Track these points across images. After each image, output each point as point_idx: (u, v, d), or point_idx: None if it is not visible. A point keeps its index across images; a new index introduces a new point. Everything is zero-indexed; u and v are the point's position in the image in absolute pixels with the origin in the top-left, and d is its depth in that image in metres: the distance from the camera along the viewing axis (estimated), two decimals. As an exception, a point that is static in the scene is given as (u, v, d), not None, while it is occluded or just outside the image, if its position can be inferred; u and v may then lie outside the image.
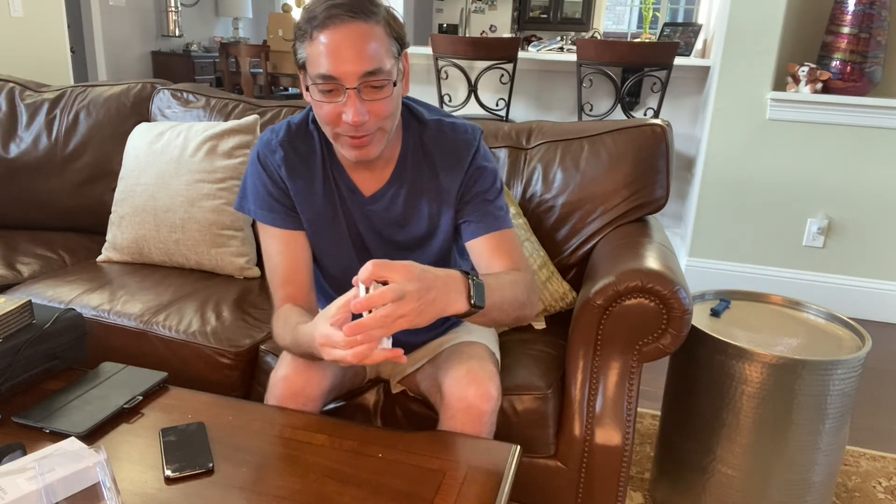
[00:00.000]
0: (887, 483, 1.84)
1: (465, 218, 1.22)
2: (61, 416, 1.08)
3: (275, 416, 1.14)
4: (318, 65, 1.05)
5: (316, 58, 1.05)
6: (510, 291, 1.11)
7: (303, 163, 1.21)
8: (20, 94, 2.20)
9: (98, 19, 5.85)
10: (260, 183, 1.22)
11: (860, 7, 2.65)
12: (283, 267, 1.23)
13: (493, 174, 1.23)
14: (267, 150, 1.22)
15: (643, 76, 3.23)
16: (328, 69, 1.04)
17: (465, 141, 1.22)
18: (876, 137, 2.78)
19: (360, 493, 0.95)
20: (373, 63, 1.04)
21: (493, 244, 1.20)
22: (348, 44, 1.03)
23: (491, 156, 1.26)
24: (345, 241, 1.25)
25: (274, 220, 1.22)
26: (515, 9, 7.80)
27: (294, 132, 1.23)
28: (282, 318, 1.19)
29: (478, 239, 1.21)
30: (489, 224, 1.21)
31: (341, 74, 1.04)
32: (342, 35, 1.03)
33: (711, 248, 3.08)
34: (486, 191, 1.22)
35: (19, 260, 1.89)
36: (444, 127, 1.22)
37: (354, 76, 1.04)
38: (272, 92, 5.87)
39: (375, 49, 1.04)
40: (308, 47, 1.06)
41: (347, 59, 1.03)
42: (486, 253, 1.20)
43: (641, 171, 1.68)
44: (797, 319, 1.66)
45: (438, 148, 1.21)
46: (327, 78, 1.04)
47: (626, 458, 1.36)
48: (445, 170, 1.21)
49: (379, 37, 1.05)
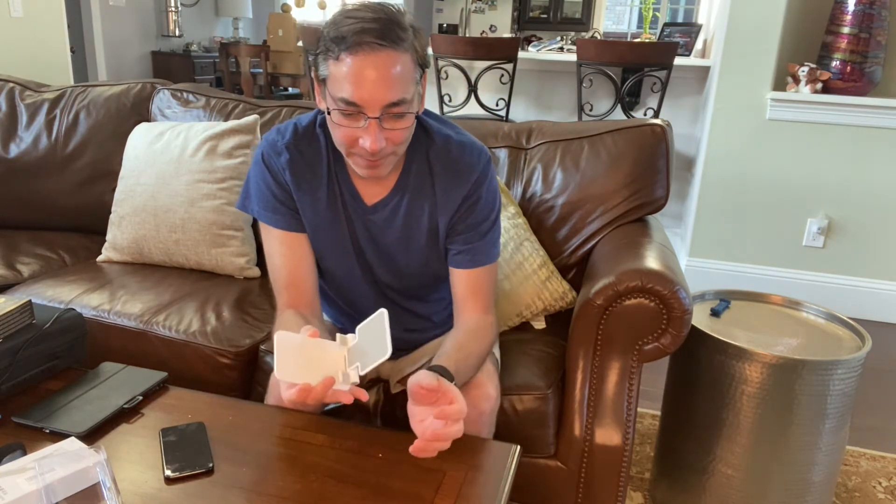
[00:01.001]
0: (887, 483, 1.84)
1: (454, 247, 1.22)
2: (61, 416, 1.08)
3: (275, 416, 1.14)
4: (341, 88, 1.03)
5: (340, 80, 1.03)
6: (475, 359, 1.16)
7: (308, 166, 1.21)
8: (20, 94, 2.20)
9: (98, 19, 5.85)
10: (264, 184, 1.21)
11: (860, 7, 2.65)
12: (286, 269, 1.22)
13: (492, 206, 1.22)
14: (272, 151, 1.21)
15: (643, 76, 3.23)
16: (352, 95, 1.02)
17: (468, 164, 1.20)
18: (876, 137, 2.78)
19: (360, 493, 0.95)
20: (397, 94, 1.03)
21: (473, 281, 1.22)
22: (375, 73, 1.01)
23: (496, 182, 1.24)
24: (345, 246, 1.24)
25: (277, 222, 1.22)
26: (515, 9, 7.80)
27: (301, 135, 1.21)
28: (283, 322, 1.18)
29: (461, 270, 1.22)
30: (475, 259, 1.22)
31: (365, 103, 1.02)
32: (370, 63, 1.01)
33: (711, 248, 3.08)
34: (481, 223, 1.21)
35: (19, 260, 1.89)
36: (451, 145, 1.20)
37: (378, 105, 1.03)
38: (272, 92, 5.87)
39: (401, 79, 1.03)
40: (332, 66, 1.04)
41: (373, 88, 1.01)
42: (463, 288, 1.23)
43: (641, 171, 1.68)
44: (797, 319, 1.66)
45: (441, 166, 1.20)
46: (350, 103, 1.03)
47: (626, 458, 1.36)
48: (444, 189, 1.20)
49: (405, 65, 1.04)
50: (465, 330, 1.19)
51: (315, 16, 8.00)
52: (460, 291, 1.23)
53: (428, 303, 1.35)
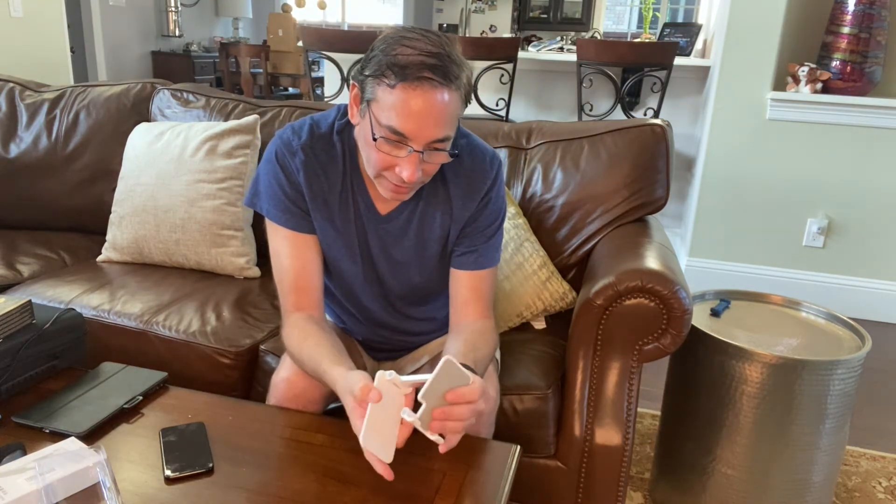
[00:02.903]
0: (887, 483, 1.84)
1: (459, 248, 1.23)
2: (61, 416, 1.08)
3: (275, 416, 1.14)
4: (390, 117, 1.02)
5: (390, 108, 1.01)
6: (485, 363, 1.16)
7: (323, 170, 1.19)
8: (20, 94, 2.20)
9: (98, 19, 5.85)
10: (276, 183, 1.19)
11: (860, 7, 2.65)
12: (294, 270, 1.20)
13: (499, 210, 1.23)
14: (287, 150, 1.18)
15: (643, 76, 3.23)
16: (402, 127, 1.02)
17: (482, 172, 1.21)
18: (876, 137, 2.78)
19: (360, 493, 0.95)
20: (444, 132, 1.04)
21: (475, 283, 1.23)
22: (429, 112, 1.01)
23: (504, 187, 1.26)
24: (354, 253, 1.23)
25: (287, 222, 1.19)
26: (515, 9, 7.81)
27: (317, 138, 1.19)
28: (299, 330, 1.16)
29: (464, 272, 1.23)
30: (478, 261, 1.22)
31: (413, 136, 1.02)
32: (426, 100, 1.00)
33: (711, 248, 3.08)
34: (488, 227, 1.22)
35: (19, 260, 1.89)
36: (462, 152, 1.20)
37: (424, 140, 1.03)
38: (272, 92, 5.87)
39: (451, 117, 1.04)
40: (384, 92, 1.02)
41: (424, 124, 1.01)
42: (465, 290, 1.23)
43: (641, 171, 1.68)
44: (797, 319, 1.66)
45: (454, 175, 1.20)
46: (398, 133, 1.02)
47: (626, 458, 1.36)
48: (459, 198, 1.20)
49: (456, 104, 1.04)
50: (471, 331, 1.19)
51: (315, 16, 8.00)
52: (462, 293, 1.23)
53: (432, 305, 1.34)
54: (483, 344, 1.17)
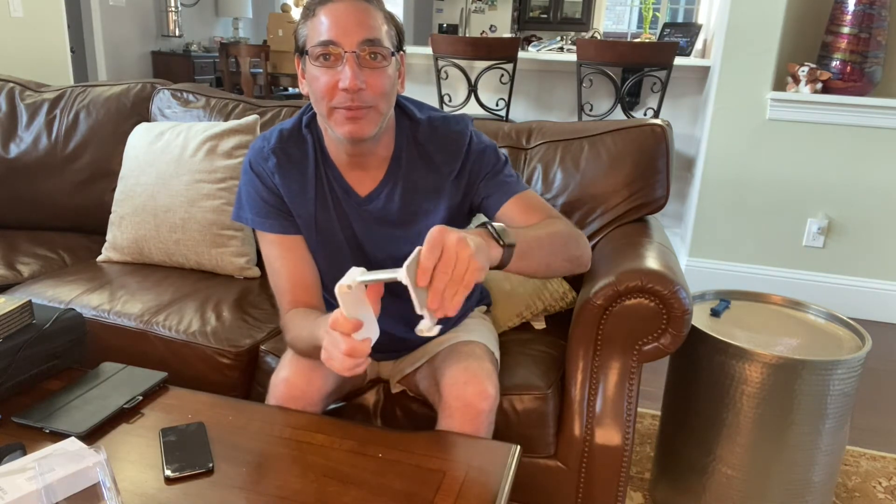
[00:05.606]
0: (887, 483, 1.84)
1: (483, 195, 1.23)
2: (61, 416, 1.08)
3: (275, 416, 1.14)
4: (317, 34, 1.07)
5: (316, 28, 1.08)
6: (545, 230, 1.11)
7: (296, 168, 1.22)
8: (20, 94, 2.20)
9: (98, 19, 5.85)
10: (254, 191, 1.22)
11: (860, 7, 2.65)
12: (286, 271, 1.22)
13: (492, 151, 1.25)
14: (259, 157, 1.22)
15: (643, 76, 3.23)
16: (328, 35, 1.06)
17: (458, 132, 1.23)
18: (876, 137, 2.78)
19: (360, 493, 0.95)
20: (372, 32, 1.07)
21: (522, 205, 1.21)
22: (349, 14, 1.07)
23: (485, 136, 1.27)
24: (338, 242, 1.24)
25: (272, 227, 1.22)
26: (515, 9, 7.81)
27: (286, 138, 1.23)
28: (298, 319, 1.17)
29: (504, 205, 1.21)
30: (508, 190, 1.22)
31: (341, 38, 1.06)
32: (344, 7, 1.07)
33: (711, 248, 3.08)
34: (493, 165, 1.24)
35: (19, 260, 1.89)
36: (435, 122, 1.24)
37: (354, 41, 1.06)
38: (272, 92, 5.87)
39: (375, 23, 1.08)
40: (309, 24, 1.09)
41: (348, 25, 1.06)
42: (519, 214, 1.19)
43: (641, 171, 1.68)
44: (797, 319, 1.66)
45: (433, 144, 1.22)
46: (326, 43, 1.06)
47: (626, 458, 1.36)
48: (444, 163, 1.22)
49: (378, 17, 1.09)
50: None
51: (315, 16, 8.00)
52: (518, 221, 1.18)
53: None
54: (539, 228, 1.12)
